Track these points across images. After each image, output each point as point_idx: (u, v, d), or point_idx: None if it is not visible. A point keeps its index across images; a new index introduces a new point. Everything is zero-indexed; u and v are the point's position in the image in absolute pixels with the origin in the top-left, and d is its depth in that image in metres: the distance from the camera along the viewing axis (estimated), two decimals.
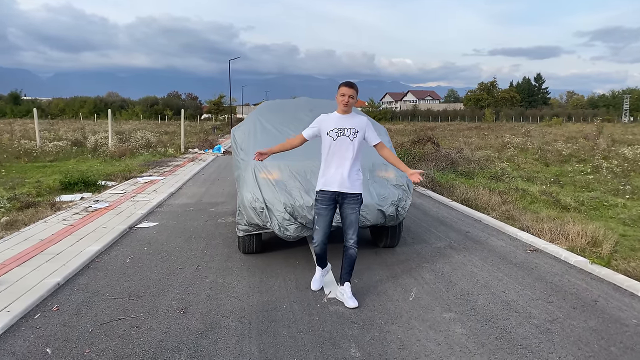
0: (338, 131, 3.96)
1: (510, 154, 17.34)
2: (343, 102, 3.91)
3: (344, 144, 3.96)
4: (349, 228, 4.01)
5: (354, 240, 4.01)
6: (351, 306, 3.94)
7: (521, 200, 8.92)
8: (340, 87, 3.96)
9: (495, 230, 6.65)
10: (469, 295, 4.19)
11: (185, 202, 8.82)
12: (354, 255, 4.04)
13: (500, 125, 49.42)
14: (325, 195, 4.01)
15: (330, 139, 3.96)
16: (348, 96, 3.88)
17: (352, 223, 4.01)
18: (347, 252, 4.04)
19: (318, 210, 4.03)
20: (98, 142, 18.85)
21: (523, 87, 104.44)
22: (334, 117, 4.00)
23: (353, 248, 4.01)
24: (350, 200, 3.98)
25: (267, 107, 6.26)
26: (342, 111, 3.98)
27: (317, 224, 4.05)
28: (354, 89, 3.92)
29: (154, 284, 4.48)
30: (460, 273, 4.79)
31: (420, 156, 13.38)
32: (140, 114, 75.35)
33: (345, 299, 4.01)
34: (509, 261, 5.20)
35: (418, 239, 6.10)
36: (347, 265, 4.07)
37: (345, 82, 3.99)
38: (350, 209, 4.00)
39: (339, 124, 3.97)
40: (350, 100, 3.92)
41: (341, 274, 4.11)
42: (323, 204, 4.00)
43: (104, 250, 5.65)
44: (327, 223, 4.02)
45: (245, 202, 4.75)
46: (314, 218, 4.14)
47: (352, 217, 4.00)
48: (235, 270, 4.88)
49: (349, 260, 4.05)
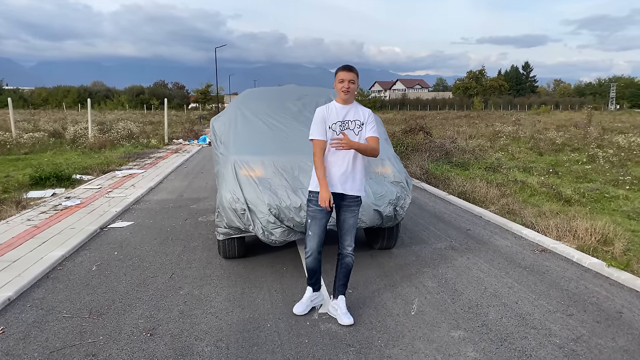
0: (342, 124, 3.40)
1: (503, 143, 16.94)
2: (343, 90, 3.35)
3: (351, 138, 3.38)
4: (346, 234, 3.51)
5: (351, 247, 3.51)
6: (346, 323, 3.43)
7: (520, 193, 8.49)
8: (337, 73, 3.40)
9: (497, 227, 6.18)
10: (478, 308, 3.70)
11: (164, 198, 8.22)
12: (351, 265, 3.53)
13: (490, 114, 49.15)
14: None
15: (333, 133, 3.38)
16: (348, 81, 3.33)
17: (350, 228, 3.50)
18: (343, 261, 3.53)
19: (312, 213, 3.44)
20: (77, 133, 18.05)
21: (511, 75, 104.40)
22: (334, 108, 3.42)
23: (350, 256, 3.51)
24: (350, 202, 3.47)
25: (249, 95, 5.68)
26: (343, 100, 3.41)
27: (310, 228, 3.46)
28: (353, 72, 3.36)
29: (120, 298, 3.93)
30: (465, 279, 4.31)
31: (413, 146, 12.88)
32: (126, 104, 73.89)
33: (339, 315, 3.50)
34: (517, 264, 4.73)
35: (416, 239, 5.61)
36: (342, 275, 3.55)
37: (343, 65, 3.39)
38: (349, 212, 3.48)
39: (342, 116, 3.40)
40: (352, 86, 3.36)
41: (335, 285, 3.60)
42: (318, 206, 3.37)
43: (69, 255, 5.07)
44: (322, 228, 3.45)
45: (225, 202, 4.20)
46: (306, 222, 3.54)
47: (351, 221, 3.50)
48: (214, 279, 4.34)
49: (344, 270, 3.54)
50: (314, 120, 3.41)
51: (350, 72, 3.34)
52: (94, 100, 74.46)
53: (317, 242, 3.44)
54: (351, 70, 3.35)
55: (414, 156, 11.66)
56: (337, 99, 3.45)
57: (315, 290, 3.73)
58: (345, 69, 3.36)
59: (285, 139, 4.60)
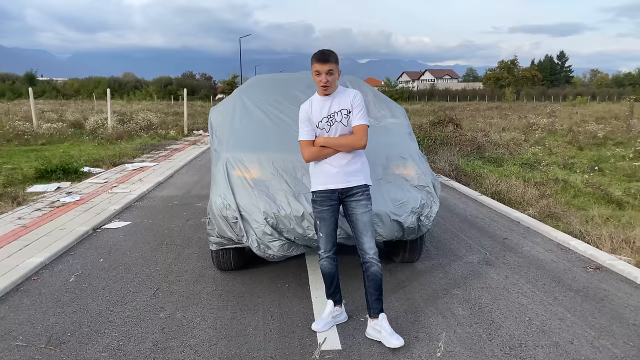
0: (329, 119, 2.98)
1: (539, 137, 15.81)
2: (321, 84, 2.95)
3: (341, 131, 3.00)
4: (362, 235, 3.00)
5: (374, 251, 3.03)
6: (395, 345, 2.90)
7: (563, 194, 7.57)
8: (312, 63, 2.96)
9: (539, 235, 5.34)
10: (522, 349, 2.93)
11: (170, 195, 7.66)
12: (379, 274, 3.02)
13: (522, 105, 47.23)
14: (324, 195, 3.02)
15: (323, 131, 3.04)
16: (325, 74, 2.91)
17: (365, 227, 3.01)
18: (369, 272, 3.02)
19: (319, 214, 3.08)
20: (97, 123, 17.79)
21: (545, 65, 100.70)
22: (317, 103, 3.05)
23: (375, 264, 3.01)
24: (357, 195, 3.03)
25: (254, 82, 4.98)
26: (323, 94, 3.02)
27: (320, 230, 3.10)
28: (330, 61, 2.91)
29: (90, 321, 3.32)
30: (504, 306, 3.53)
31: (442, 140, 11.98)
32: (154, 94, 74.49)
33: (384, 337, 2.96)
34: (567, 286, 3.92)
35: (444, 250, 4.84)
36: (373, 289, 3.03)
37: (317, 53, 2.95)
38: (360, 207, 3.03)
39: (326, 109, 3.02)
40: (330, 78, 2.93)
41: (368, 303, 3.07)
42: (324, 205, 3.06)
43: (49, 262, 4.52)
44: (333, 226, 3.10)
45: (214, 209, 3.53)
46: (315, 224, 3.14)
47: (365, 218, 3.02)
48: (203, 298, 3.70)
49: (373, 282, 3.02)
50: (300, 120, 3.08)
51: (327, 63, 2.90)
52: (124, 90, 75.49)
53: (330, 241, 3.12)
54: (327, 60, 2.90)
55: (442, 151, 10.79)
56: (318, 92, 3.02)
57: (337, 304, 3.24)
58: (319, 59, 2.91)
59: (288, 133, 3.88)
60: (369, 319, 3.09)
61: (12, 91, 61.86)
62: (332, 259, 3.14)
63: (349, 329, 3.19)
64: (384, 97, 4.96)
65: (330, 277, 3.17)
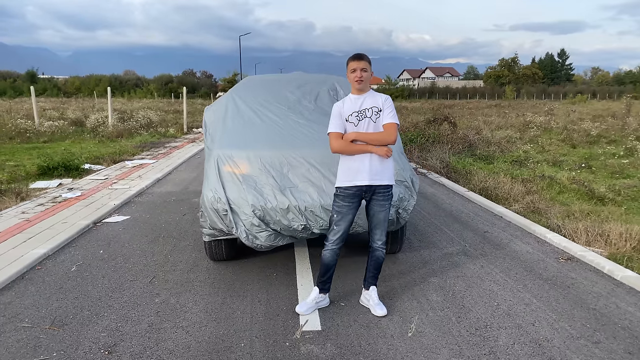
0: (359, 114, 3.27)
1: (534, 135, 16.04)
2: (356, 79, 3.25)
3: (369, 129, 3.27)
4: (377, 228, 3.44)
5: (382, 241, 3.47)
6: (379, 314, 3.40)
7: (548, 190, 7.82)
8: (348, 63, 3.30)
9: (519, 229, 5.60)
10: (487, 330, 3.19)
11: (168, 191, 7.92)
12: (382, 258, 3.51)
13: (522, 103, 47.43)
14: (349, 192, 3.29)
15: (351, 125, 3.30)
16: (360, 70, 3.24)
17: (380, 222, 3.42)
18: (373, 254, 3.50)
19: (340, 209, 3.34)
20: (98, 121, 18.06)
21: (546, 63, 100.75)
22: (349, 100, 3.34)
23: (381, 250, 3.48)
24: (380, 194, 3.35)
25: (247, 82, 5.23)
26: (358, 90, 3.32)
27: (337, 224, 3.36)
28: (365, 60, 3.26)
29: (90, 305, 3.59)
30: (476, 292, 3.79)
31: (434, 138, 12.23)
32: (155, 92, 74.73)
33: (372, 305, 3.48)
34: (537, 275, 4.18)
35: (426, 242, 5.09)
36: (374, 268, 3.53)
37: (354, 55, 3.29)
38: (379, 206, 3.37)
39: (357, 105, 3.30)
40: (364, 75, 3.25)
41: (365, 276, 3.60)
42: (346, 201, 3.33)
43: (52, 253, 4.78)
44: (349, 223, 3.39)
45: (206, 202, 3.79)
46: (331, 217, 3.39)
47: (381, 215, 3.40)
48: (196, 285, 3.96)
49: (374, 262, 3.51)
50: (332, 115, 3.34)
51: (361, 60, 3.24)
52: (124, 88, 75.69)
53: (341, 236, 3.37)
54: (362, 59, 3.25)
55: (434, 148, 11.04)
56: (352, 90, 3.38)
57: (323, 292, 3.53)
58: (356, 58, 3.25)
59: (276, 131, 4.15)
60: (363, 289, 3.59)
61: (13, 89, 62.15)
62: (335, 252, 3.39)
63: (330, 313, 3.45)
64: None
65: (327, 268, 3.43)
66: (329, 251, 3.39)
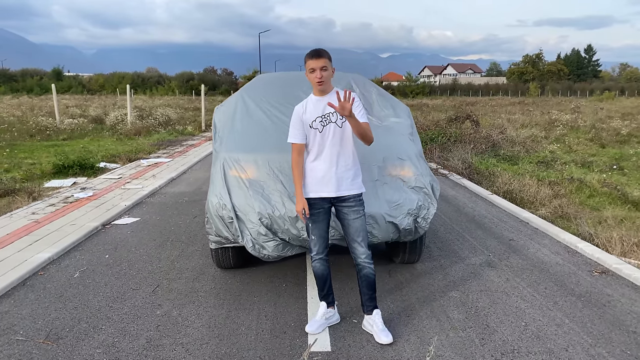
0: (322, 119, 2.96)
1: (560, 133, 15.46)
2: (316, 80, 2.91)
3: (335, 135, 2.96)
4: (355, 239, 3.04)
5: (366, 254, 3.06)
6: (384, 342, 2.99)
7: (577, 193, 7.40)
8: (306, 61, 2.94)
9: (547, 237, 5.24)
10: (515, 355, 2.89)
11: (181, 191, 7.76)
12: (372, 276, 3.09)
13: (546, 100, 46.23)
14: (315, 202, 3.02)
15: (315, 131, 2.97)
16: (320, 69, 2.89)
17: (357, 232, 3.02)
18: (361, 274, 3.10)
19: (310, 217, 3.06)
20: (117, 119, 18.12)
21: (572, 59, 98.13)
22: (311, 103, 3.02)
23: (367, 266, 3.07)
24: (349, 201, 3.03)
25: (258, 81, 4.99)
26: (320, 91, 2.99)
27: (312, 232, 3.10)
28: (324, 57, 2.91)
29: (88, 317, 3.40)
30: (501, 310, 3.48)
31: (456, 137, 11.83)
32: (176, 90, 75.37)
33: (376, 332, 3.06)
34: (569, 290, 3.84)
35: (447, 250, 4.79)
36: (367, 289, 3.11)
37: (310, 52, 2.94)
38: (352, 213, 3.03)
39: (320, 109, 2.96)
40: (325, 74, 2.91)
41: (362, 301, 3.19)
42: (316, 208, 3.06)
43: (57, 258, 4.64)
44: (325, 228, 3.12)
45: (211, 208, 3.57)
46: (307, 226, 3.10)
47: (357, 223, 3.03)
48: (200, 295, 3.75)
49: (365, 282, 3.10)
50: (292, 120, 3.03)
51: (320, 57, 2.89)
52: (146, 86, 76.57)
53: (321, 244, 3.11)
54: (321, 56, 2.90)
55: (456, 148, 10.65)
56: (314, 91, 3.00)
57: (330, 305, 3.26)
58: (314, 55, 2.90)
59: (286, 133, 3.88)
60: (364, 314, 3.18)
61: (40, 87, 63.40)
62: (324, 260, 3.14)
63: (341, 331, 3.19)
64: (388, 96, 4.92)
65: (322, 279, 3.18)
66: (317, 262, 3.13)
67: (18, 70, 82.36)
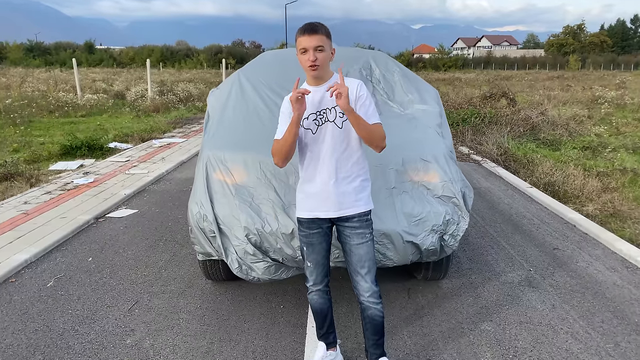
0: (317, 117, 2.23)
1: (605, 112, 14.17)
2: (309, 64, 2.16)
3: (333, 138, 2.24)
4: (357, 270, 2.33)
5: (370, 292, 2.33)
6: None
7: (631, 187, 6.49)
8: (297, 39, 2.20)
9: (599, 246, 4.44)
10: None
11: (188, 177, 7.20)
12: (378, 318, 2.37)
13: (587, 74, 43.61)
14: (311, 223, 2.34)
15: (309, 131, 2.28)
16: (314, 50, 2.14)
17: (361, 261, 2.30)
18: (365, 314, 2.40)
19: (305, 238, 2.40)
20: (137, 95, 17.72)
21: (616, 30, 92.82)
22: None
23: (372, 307, 2.35)
24: (353, 221, 2.31)
25: (260, 59, 4.28)
26: (314, 79, 2.24)
27: (308, 258, 2.41)
28: (319, 33, 2.15)
29: (46, 345, 2.88)
30: (546, 353, 2.78)
31: (491, 118, 10.86)
32: (204, 63, 74.96)
33: None
34: (633, 325, 3.08)
35: (478, 262, 4.06)
36: (371, 333, 2.42)
37: (303, 26, 2.18)
38: (356, 237, 2.31)
39: (316, 103, 2.25)
40: (321, 56, 2.15)
41: (366, 346, 2.50)
42: (312, 228, 2.38)
43: (35, 260, 4.15)
44: (324, 252, 2.41)
45: (191, 219, 2.95)
46: (302, 249, 2.43)
47: (362, 250, 2.30)
48: (182, 318, 3.18)
49: (370, 325, 2.40)
50: (280, 114, 2.27)
51: (315, 34, 2.14)
52: (175, 59, 76.52)
53: (319, 273, 2.42)
54: (315, 32, 2.14)
55: (491, 131, 9.73)
56: (307, 78, 2.24)
57: (331, 347, 2.58)
58: (306, 31, 2.14)
59: None
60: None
61: (73, 60, 64.04)
62: (323, 292, 2.47)
63: None
64: (414, 78, 4.15)
65: (321, 315, 2.52)
66: (314, 294, 2.46)
67: (52, 44, 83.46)
